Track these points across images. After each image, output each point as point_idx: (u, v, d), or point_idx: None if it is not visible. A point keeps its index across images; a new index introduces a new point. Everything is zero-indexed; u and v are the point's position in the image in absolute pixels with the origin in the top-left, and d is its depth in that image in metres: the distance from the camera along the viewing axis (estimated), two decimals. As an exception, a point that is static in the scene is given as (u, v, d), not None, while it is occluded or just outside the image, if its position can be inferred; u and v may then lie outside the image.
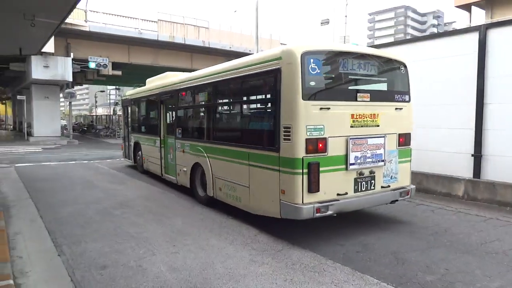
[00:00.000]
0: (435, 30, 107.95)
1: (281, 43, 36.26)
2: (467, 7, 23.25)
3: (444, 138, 7.79)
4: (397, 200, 5.68)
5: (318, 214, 4.71)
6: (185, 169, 7.75)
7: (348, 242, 4.87)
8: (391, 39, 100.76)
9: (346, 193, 5.04)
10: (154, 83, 10.28)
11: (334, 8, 40.11)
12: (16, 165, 12.84)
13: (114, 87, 58.99)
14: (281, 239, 4.97)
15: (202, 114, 7.60)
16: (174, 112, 8.84)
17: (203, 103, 7.48)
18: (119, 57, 27.49)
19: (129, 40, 26.87)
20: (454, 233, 5.27)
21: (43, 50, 16.94)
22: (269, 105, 5.60)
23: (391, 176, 5.59)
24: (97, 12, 25.45)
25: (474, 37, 7.27)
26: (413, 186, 5.92)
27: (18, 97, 31.14)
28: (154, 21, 27.41)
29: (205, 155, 6.89)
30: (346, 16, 39.01)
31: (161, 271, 3.97)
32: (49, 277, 3.91)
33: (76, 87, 35.86)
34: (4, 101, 53.33)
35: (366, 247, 4.69)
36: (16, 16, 8.33)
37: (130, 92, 13.04)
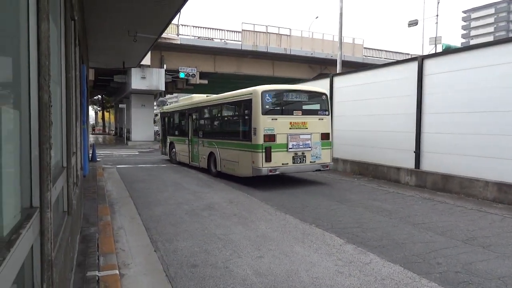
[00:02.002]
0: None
1: (364, 47, 35.05)
2: None
3: None
4: (320, 170, 10.03)
5: (270, 173, 9.05)
6: (204, 156, 12.29)
7: (446, 261, 4.44)
8: (490, 38, 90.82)
9: (287, 163, 9.33)
10: (185, 101, 15.10)
11: (423, 8, 37.35)
12: (118, 166, 14.32)
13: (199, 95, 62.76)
14: (369, 252, 4.74)
15: (215, 122, 12.37)
16: (198, 121, 13.17)
17: (215, 115, 12.33)
18: (205, 67, 29.14)
19: (215, 51, 28.35)
20: None
21: (142, 62, 18.71)
22: (247, 117, 9.61)
23: (316, 156, 9.74)
24: (187, 25, 27.38)
25: None
26: (331, 163, 10.23)
27: (120, 105, 34.87)
28: (238, 31, 28.53)
29: (216, 147, 11.34)
30: (437, 16, 36.31)
31: (247, 274, 4.05)
32: (147, 270, 4.25)
33: (167, 96, 38.94)
34: (108, 109, 60.19)
35: (468, 269, 4.23)
36: (122, 33, 9.35)
37: (166, 107, 17.89)
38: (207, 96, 13.65)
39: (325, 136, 9.89)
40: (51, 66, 1.95)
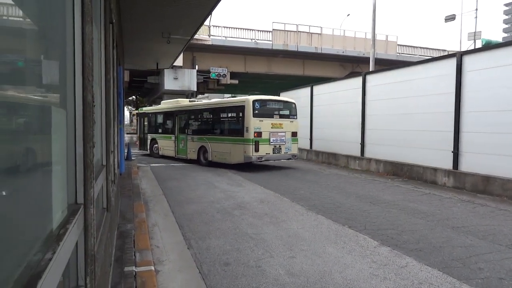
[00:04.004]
0: None
1: (398, 44, 34.07)
2: None
3: None
4: (290, 159, 13.45)
5: (258, 160, 12.23)
6: (193, 150, 14.96)
7: (489, 266, 4.23)
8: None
9: (269, 153, 12.51)
10: (170, 104, 17.73)
11: (461, 2, 35.49)
12: (151, 165, 14.71)
13: (230, 95, 63.43)
14: (405, 255, 4.59)
15: (207, 122, 14.80)
16: (187, 121, 15.67)
17: (208, 116, 14.74)
18: (236, 67, 29.35)
19: (245, 51, 28.49)
20: None
21: (174, 63, 19.10)
22: (240, 118, 12.62)
23: (288, 148, 13.06)
24: (218, 26, 27.68)
25: None
26: (298, 154, 14.01)
27: (153, 106, 35.66)
28: (269, 31, 28.53)
29: (208, 142, 14.13)
30: (476, 10, 34.64)
31: (279, 274, 4.03)
32: (181, 267, 4.33)
33: (198, 96, 39.54)
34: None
35: (512, 275, 4.01)
36: (156, 35, 9.59)
37: (145, 108, 20.32)
38: (189, 101, 17.25)
39: (294, 134, 13.32)
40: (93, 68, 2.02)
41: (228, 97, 17.68)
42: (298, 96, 18.40)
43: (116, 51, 6.00)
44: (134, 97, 55.30)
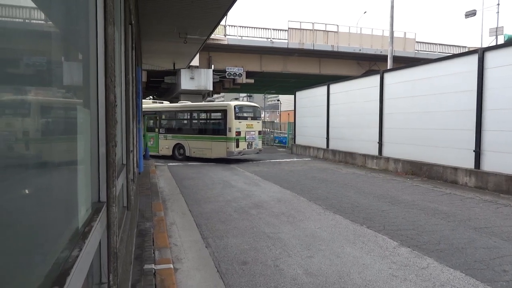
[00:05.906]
0: None
1: (416, 41, 33.41)
2: None
3: None
4: (257, 152, 16.43)
5: (239, 155, 15.26)
6: (167, 147, 16.82)
7: (513, 269, 4.11)
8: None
9: (245, 148, 15.35)
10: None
11: (483, -3, 34.28)
12: (169, 164, 14.87)
13: (245, 94, 63.47)
14: (426, 256, 4.51)
15: (183, 122, 17.22)
16: (159, 121, 17.49)
17: (183, 117, 17.29)
18: (252, 66, 29.34)
19: (261, 50, 28.45)
20: None
21: (191, 63, 19.25)
22: (223, 120, 15.08)
23: (256, 144, 16.08)
24: (234, 26, 27.74)
25: None
26: (262, 148, 16.97)
27: (169, 105, 35.97)
28: (285, 30, 28.40)
29: (185, 139, 16.19)
30: (498, 5, 33.60)
31: (297, 274, 4.02)
32: (199, 265, 4.36)
33: (214, 95, 39.77)
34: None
35: (539, 278, 3.88)
36: (173, 36, 9.69)
37: None
38: (152, 102, 19.03)
39: (260, 132, 16.44)
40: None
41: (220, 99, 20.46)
42: (314, 95, 18.29)
43: (134, 52, 6.09)
44: (151, 97, 56.01)
